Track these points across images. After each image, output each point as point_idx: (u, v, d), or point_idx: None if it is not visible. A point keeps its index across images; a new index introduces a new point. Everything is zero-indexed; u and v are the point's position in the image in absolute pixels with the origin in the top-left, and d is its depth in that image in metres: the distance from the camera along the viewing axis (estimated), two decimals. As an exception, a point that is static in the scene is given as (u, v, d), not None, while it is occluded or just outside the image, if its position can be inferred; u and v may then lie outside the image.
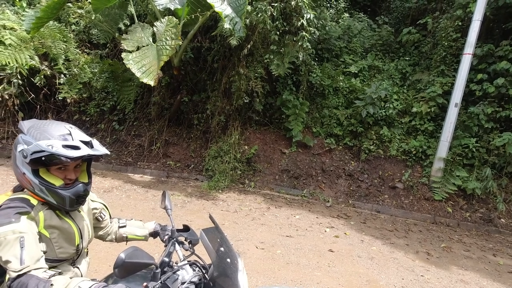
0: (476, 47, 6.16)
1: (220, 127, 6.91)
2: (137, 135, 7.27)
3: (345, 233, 4.81)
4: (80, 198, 1.23)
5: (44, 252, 1.15)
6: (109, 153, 1.28)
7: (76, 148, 1.14)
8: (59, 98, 6.76)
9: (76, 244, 1.28)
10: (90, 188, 1.29)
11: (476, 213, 5.96)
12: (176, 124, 7.41)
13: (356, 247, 4.38)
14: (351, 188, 6.49)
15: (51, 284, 1.00)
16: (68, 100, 6.80)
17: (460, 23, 6.65)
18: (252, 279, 3.30)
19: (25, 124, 1.20)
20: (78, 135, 1.19)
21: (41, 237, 1.17)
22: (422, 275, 3.82)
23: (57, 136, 1.14)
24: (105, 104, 7.15)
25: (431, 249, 4.66)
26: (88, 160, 1.30)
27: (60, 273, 1.11)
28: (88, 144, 1.19)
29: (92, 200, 1.48)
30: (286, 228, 4.72)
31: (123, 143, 7.21)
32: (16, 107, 6.48)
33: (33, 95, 6.63)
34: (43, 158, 1.11)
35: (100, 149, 1.21)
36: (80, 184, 1.22)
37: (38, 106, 6.93)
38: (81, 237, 1.31)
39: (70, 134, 1.17)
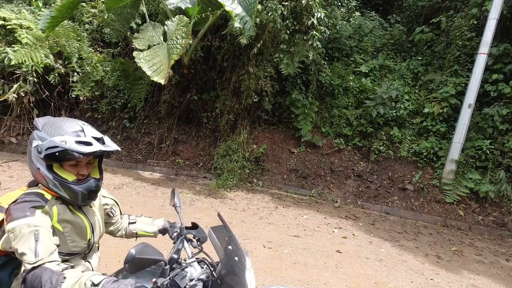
0: (491, 46, 6.01)
1: (229, 126, 6.93)
2: (147, 133, 7.36)
3: (353, 234, 4.77)
4: (92, 193, 1.27)
5: (57, 246, 1.18)
6: (119, 149, 1.31)
7: (88, 144, 1.17)
8: (72, 95, 6.91)
9: (88, 238, 1.31)
10: (101, 184, 1.32)
11: (489, 217, 5.82)
12: (185, 123, 7.47)
13: (364, 248, 4.34)
14: (360, 189, 6.42)
15: (64, 277, 1.03)
16: (81, 98, 6.94)
17: (475, 22, 6.49)
18: (259, 278, 3.30)
19: (40, 121, 1.24)
20: (90, 132, 1.23)
21: (55, 231, 1.20)
22: (431, 279, 3.76)
23: (71, 133, 1.18)
24: (116, 102, 7.26)
25: (441, 252, 4.58)
26: (99, 157, 1.33)
27: (72, 267, 1.14)
28: (100, 140, 1.22)
29: (103, 196, 1.52)
30: (293, 228, 4.71)
31: (133, 140, 7.32)
32: (31, 104, 6.64)
33: (47, 93, 6.79)
34: (57, 154, 1.15)
35: (111, 145, 1.24)
36: (92, 180, 1.26)
37: (52, 104, 7.10)
38: (93, 232, 1.34)
39: (83, 130, 1.21)
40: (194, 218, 4.50)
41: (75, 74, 6.89)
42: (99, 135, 1.24)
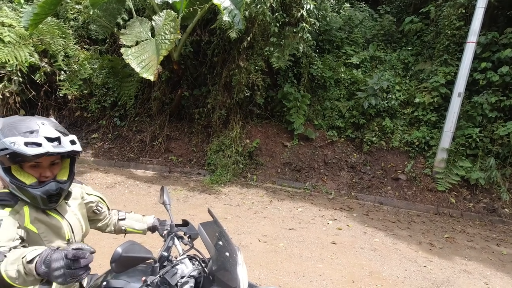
0: (480, 35, 6.05)
1: (221, 121, 6.89)
2: (138, 131, 7.27)
3: (347, 225, 4.81)
4: (53, 197, 1.19)
5: (22, 239, 1.12)
6: (79, 150, 1.20)
7: (38, 145, 1.09)
8: (60, 95, 6.76)
9: (67, 238, 1.27)
10: (67, 187, 1.23)
11: (479, 203, 5.93)
12: (177, 119, 7.40)
13: (358, 239, 4.39)
14: (353, 180, 6.47)
15: (5, 256, 0.98)
16: (69, 97, 6.80)
17: (463, 11, 6.52)
18: (255, 272, 3.31)
19: (2, 121, 1.17)
20: (46, 131, 1.13)
21: (29, 233, 1.16)
22: (425, 266, 3.82)
23: (23, 133, 1.11)
24: (106, 100, 7.14)
25: (434, 239, 4.66)
26: (70, 157, 1.25)
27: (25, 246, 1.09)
28: (55, 140, 1.13)
29: (87, 194, 1.47)
30: (288, 221, 4.73)
31: (125, 139, 7.22)
32: (17, 105, 6.48)
33: (34, 92, 6.63)
34: (7, 156, 1.08)
35: (66, 146, 1.15)
36: (53, 183, 1.17)
37: (40, 103, 6.94)
38: (72, 231, 1.30)
39: (38, 130, 1.13)
40: (188, 215, 4.48)
41: (62, 72, 6.74)
42: (55, 134, 1.14)
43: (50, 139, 1.12)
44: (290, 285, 3.15)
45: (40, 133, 1.12)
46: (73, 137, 1.21)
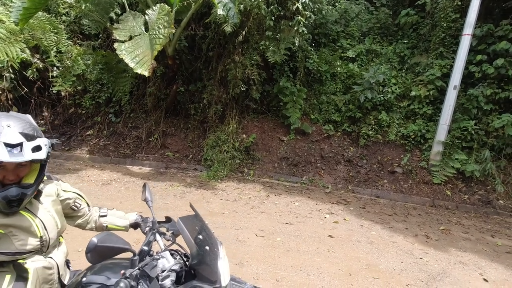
0: (475, 27, 6.04)
1: (218, 116, 6.85)
2: (134, 127, 7.22)
3: (344, 219, 4.83)
4: (14, 202, 1.14)
5: None
6: (40, 158, 1.12)
7: None
8: (53, 91, 6.67)
9: (40, 235, 1.24)
10: (30, 192, 1.18)
11: (474, 195, 5.98)
12: (173, 115, 7.35)
13: (355, 232, 4.41)
14: (350, 174, 6.49)
15: None
16: (63, 93, 6.71)
17: (459, 3, 6.49)
18: (253, 266, 3.32)
19: None
20: (8, 136, 1.07)
21: None
22: (421, 258, 3.85)
23: None
24: (100, 96, 7.06)
25: (430, 232, 4.69)
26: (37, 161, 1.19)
27: None
28: (16, 146, 1.07)
29: (64, 191, 1.44)
30: (285, 216, 4.74)
31: (120, 135, 7.16)
32: (9, 102, 6.39)
33: (26, 89, 6.54)
34: None
35: (25, 155, 1.08)
36: (13, 188, 1.13)
37: (33, 100, 6.85)
38: (46, 229, 1.27)
39: (0, 133, 1.07)
40: (185, 211, 4.47)
41: (55, 68, 6.63)
42: (17, 140, 1.08)
43: (9, 145, 1.06)
44: (287, 279, 3.16)
45: (1, 138, 1.06)
46: (40, 142, 1.14)
